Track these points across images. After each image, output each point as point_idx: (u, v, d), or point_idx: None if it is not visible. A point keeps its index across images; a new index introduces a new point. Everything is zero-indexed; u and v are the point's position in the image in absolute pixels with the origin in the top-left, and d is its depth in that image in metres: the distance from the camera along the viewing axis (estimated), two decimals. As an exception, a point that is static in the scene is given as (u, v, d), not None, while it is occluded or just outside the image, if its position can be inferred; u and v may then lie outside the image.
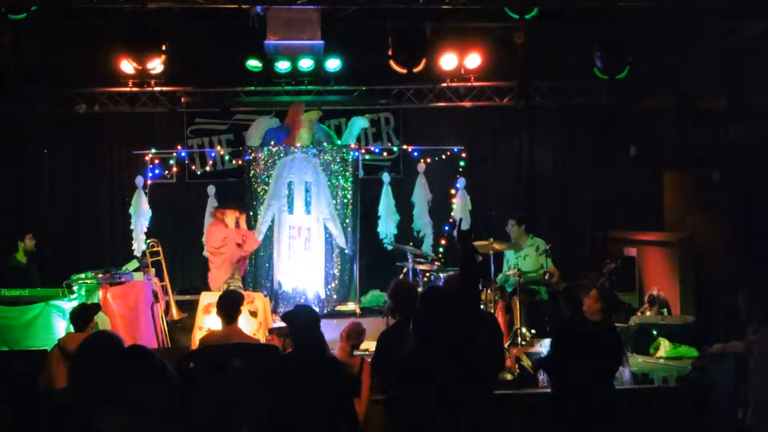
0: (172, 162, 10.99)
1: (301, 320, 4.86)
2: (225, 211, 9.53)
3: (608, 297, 6.10)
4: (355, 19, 9.60)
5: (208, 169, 11.43)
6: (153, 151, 10.89)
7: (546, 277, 9.02)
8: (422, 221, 10.97)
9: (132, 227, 10.59)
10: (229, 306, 6.29)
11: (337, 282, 10.47)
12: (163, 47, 8.70)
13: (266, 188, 10.40)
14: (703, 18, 8.97)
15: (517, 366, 7.45)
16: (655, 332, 8.88)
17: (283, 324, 8.01)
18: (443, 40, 10.14)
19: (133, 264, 9.48)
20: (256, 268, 10.36)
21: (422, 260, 9.77)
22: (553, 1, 9.48)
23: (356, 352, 6.70)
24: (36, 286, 8.97)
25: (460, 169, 11.11)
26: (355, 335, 6.53)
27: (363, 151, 11.19)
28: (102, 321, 7.58)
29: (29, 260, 10.04)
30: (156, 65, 8.91)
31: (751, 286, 6.27)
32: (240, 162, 10.89)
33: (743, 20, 8.94)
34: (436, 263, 9.92)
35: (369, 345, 8.61)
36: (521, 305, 8.70)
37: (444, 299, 4.65)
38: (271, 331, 7.61)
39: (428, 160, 11.08)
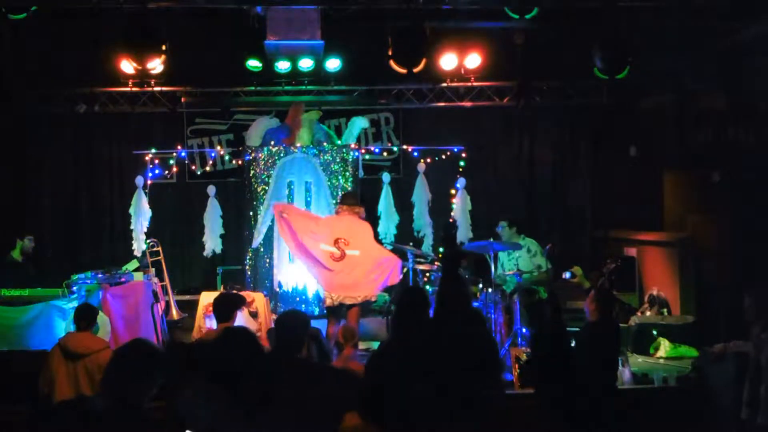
0: (172, 162, 10.98)
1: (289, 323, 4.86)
2: (360, 209, 8.62)
3: (603, 296, 6.17)
4: (355, 19, 9.61)
5: (208, 169, 11.43)
6: (153, 151, 10.88)
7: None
8: (422, 221, 10.96)
9: (132, 227, 10.58)
10: (221, 306, 6.39)
11: (336, 282, 10.44)
12: (163, 47, 8.69)
13: (266, 188, 10.38)
14: (702, 18, 8.97)
15: (517, 366, 7.44)
16: (655, 332, 8.87)
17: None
18: (443, 40, 10.13)
19: (133, 264, 9.46)
20: (256, 269, 10.35)
21: (422, 260, 9.75)
22: (553, 1, 9.48)
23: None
24: (32, 281, 8.93)
25: (460, 169, 11.10)
26: (351, 335, 6.55)
27: (363, 151, 11.19)
28: (102, 321, 7.57)
29: (24, 259, 10.01)
30: (156, 65, 8.90)
31: (759, 287, 6.25)
32: (240, 162, 10.88)
33: (743, 20, 8.94)
34: (436, 263, 9.89)
35: (369, 345, 8.65)
36: (521, 305, 8.68)
37: (420, 299, 4.62)
38: (271, 331, 7.60)
39: (428, 160, 11.08)
